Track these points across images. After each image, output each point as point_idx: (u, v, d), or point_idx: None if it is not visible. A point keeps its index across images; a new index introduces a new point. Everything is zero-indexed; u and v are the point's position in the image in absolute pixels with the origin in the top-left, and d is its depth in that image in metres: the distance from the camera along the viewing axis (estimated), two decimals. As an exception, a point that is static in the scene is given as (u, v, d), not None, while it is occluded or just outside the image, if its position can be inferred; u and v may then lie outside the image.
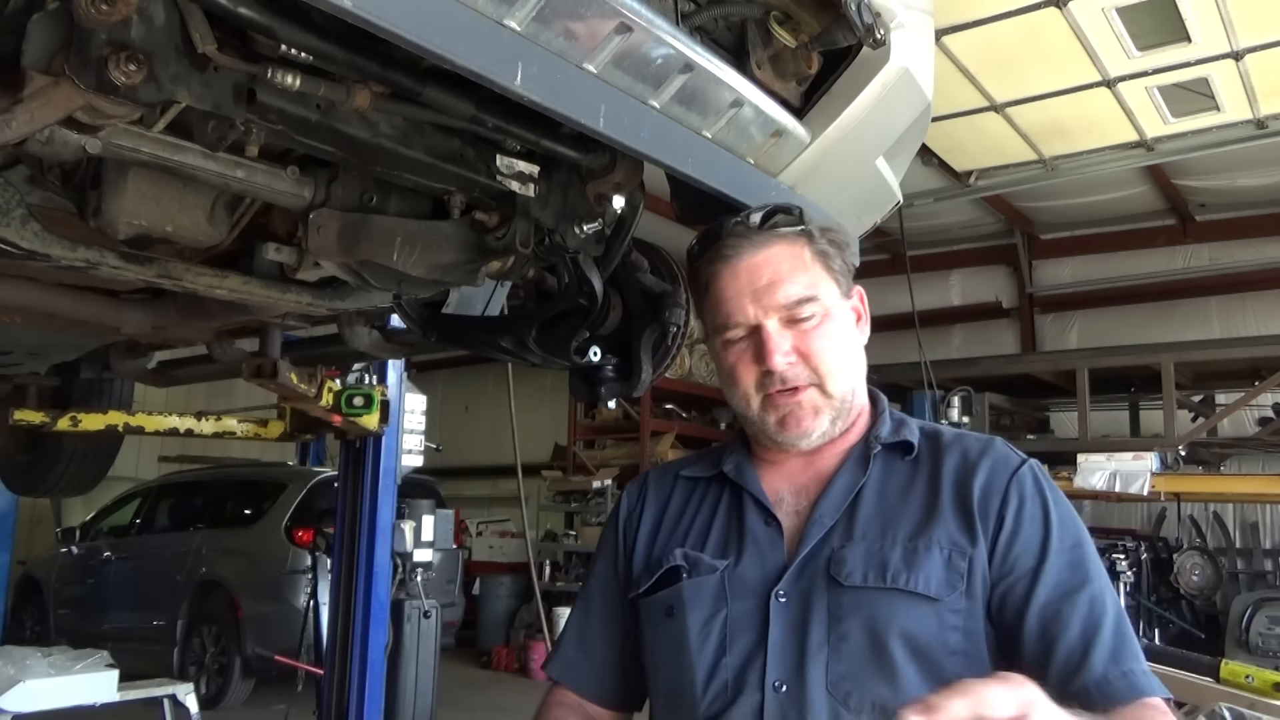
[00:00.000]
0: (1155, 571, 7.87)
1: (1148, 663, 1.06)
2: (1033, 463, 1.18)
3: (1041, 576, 1.08)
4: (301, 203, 1.68)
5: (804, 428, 1.17)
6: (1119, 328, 9.47)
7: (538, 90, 1.23)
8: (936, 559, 1.09)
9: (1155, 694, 1.03)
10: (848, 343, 1.20)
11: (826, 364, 1.17)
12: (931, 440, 1.21)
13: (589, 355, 2.04)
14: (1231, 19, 4.60)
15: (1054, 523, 1.11)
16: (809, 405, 1.17)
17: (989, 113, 5.70)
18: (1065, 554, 1.10)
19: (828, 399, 1.17)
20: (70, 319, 2.28)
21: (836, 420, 1.19)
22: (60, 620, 8.63)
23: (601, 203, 1.77)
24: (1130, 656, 1.05)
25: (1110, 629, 1.05)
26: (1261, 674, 3.25)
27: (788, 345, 1.16)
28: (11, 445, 4.19)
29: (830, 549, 1.12)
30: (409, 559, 4.85)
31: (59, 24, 1.13)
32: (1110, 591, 1.10)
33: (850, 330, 1.22)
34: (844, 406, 1.19)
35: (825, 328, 1.17)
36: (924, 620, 1.06)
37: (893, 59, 1.68)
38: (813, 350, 1.16)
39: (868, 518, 1.14)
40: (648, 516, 1.29)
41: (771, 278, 1.16)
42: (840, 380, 1.18)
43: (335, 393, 3.94)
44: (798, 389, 1.16)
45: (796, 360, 1.16)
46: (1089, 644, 1.04)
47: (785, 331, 1.16)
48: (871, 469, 1.18)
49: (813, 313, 1.16)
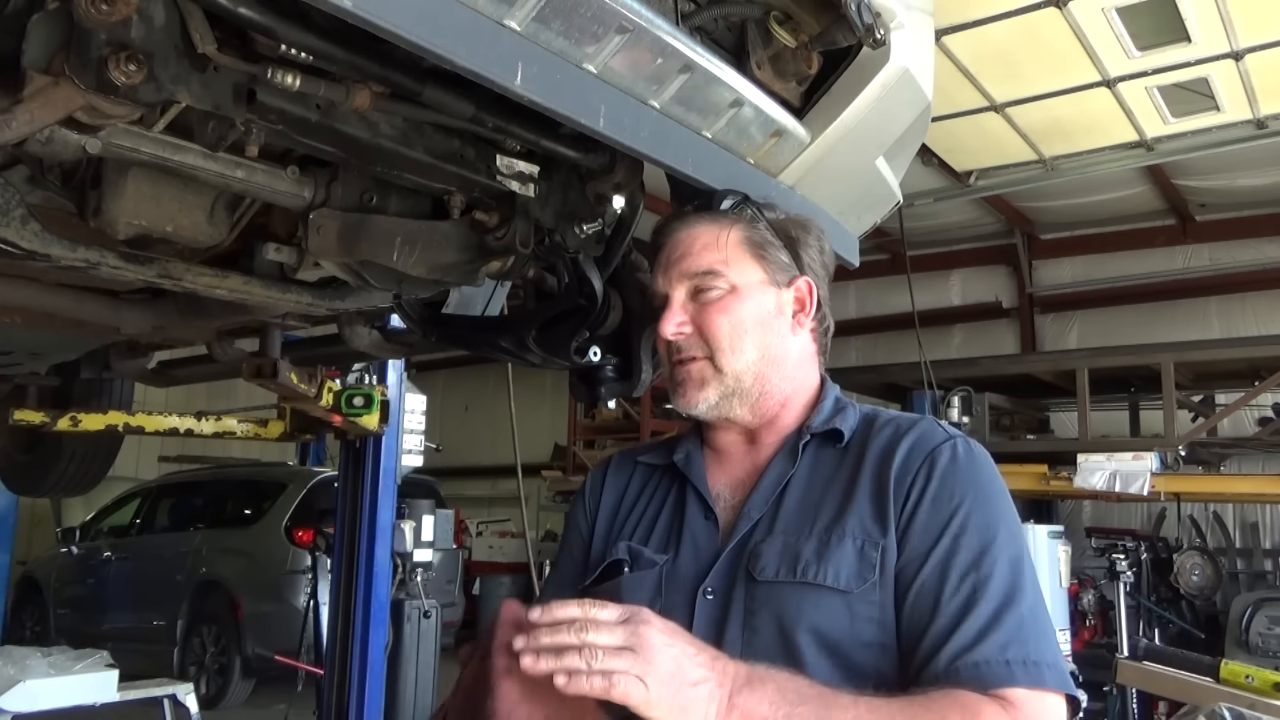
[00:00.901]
0: (1155, 571, 7.87)
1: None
2: (959, 441, 1.13)
3: (929, 559, 1.04)
4: (301, 203, 1.68)
5: (689, 398, 1.19)
6: (1119, 328, 9.47)
7: (538, 90, 1.23)
8: (849, 550, 1.07)
9: (1017, 685, 0.95)
10: (755, 324, 1.20)
11: (717, 338, 1.18)
12: (866, 426, 1.19)
13: (589, 355, 2.04)
14: (1231, 19, 4.60)
15: (961, 504, 1.07)
16: (697, 376, 1.19)
17: (989, 113, 5.69)
18: (963, 536, 1.04)
19: (718, 374, 1.18)
20: (70, 319, 2.28)
21: (731, 398, 1.19)
22: (60, 620, 8.64)
23: (601, 203, 1.78)
24: (1000, 647, 0.97)
25: (985, 616, 0.99)
26: (1261, 674, 3.25)
27: (684, 316, 1.20)
28: (11, 445, 4.19)
29: (753, 543, 1.12)
30: (409, 559, 4.84)
31: (59, 24, 1.13)
32: (1016, 586, 1.01)
33: (763, 316, 1.20)
34: (739, 386, 1.19)
35: (726, 303, 1.19)
36: (834, 614, 1.04)
37: (893, 59, 1.68)
38: (706, 322, 1.19)
39: (790, 510, 1.14)
40: (606, 502, 1.31)
41: (684, 250, 1.22)
42: (733, 358, 1.18)
43: (335, 393, 3.94)
44: (694, 359, 1.19)
45: (691, 332, 1.19)
46: (951, 632, 0.99)
47: (688, 304, 1.20)
48: (801, 460, 1.17)
49: (715, 287, 1.19)
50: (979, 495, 1.08)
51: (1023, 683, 0.96)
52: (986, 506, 1.08)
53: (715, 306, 1.19)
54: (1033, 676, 0.97)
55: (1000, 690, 0.95)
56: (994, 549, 1.04)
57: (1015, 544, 1.06)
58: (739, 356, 1.19)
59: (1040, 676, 0.97)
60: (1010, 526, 1.07)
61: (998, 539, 1.05)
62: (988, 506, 1.08)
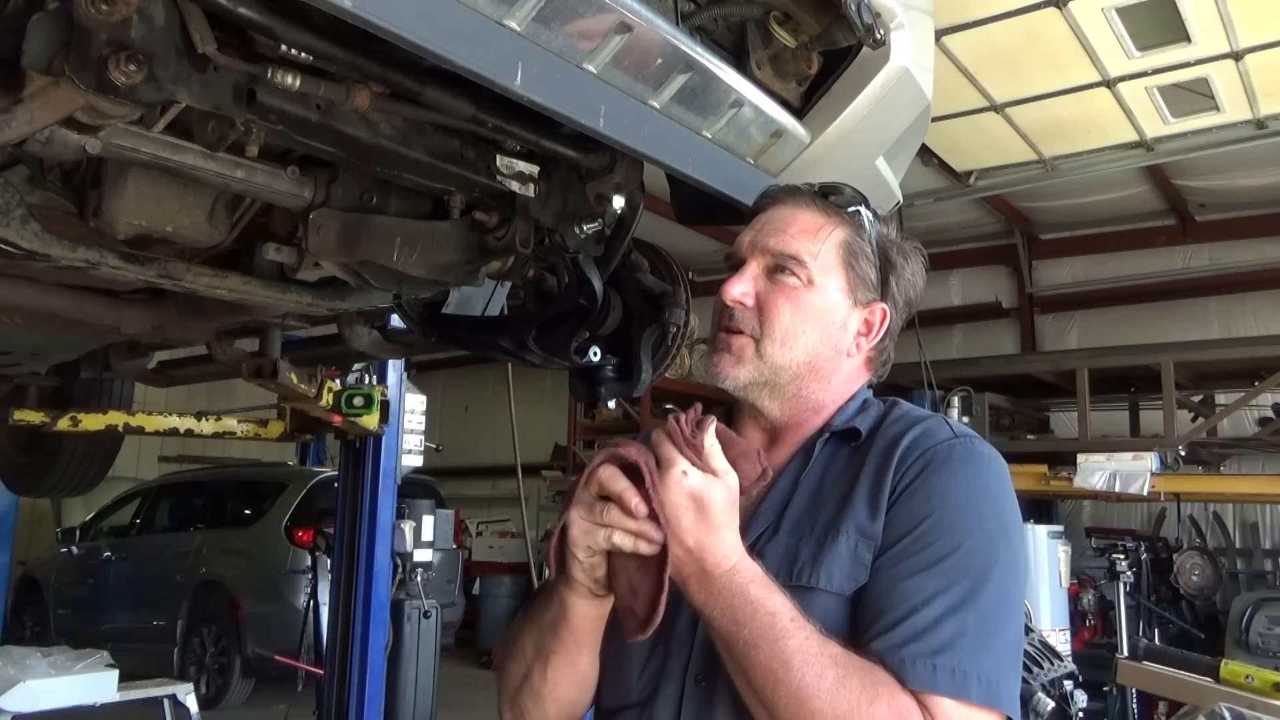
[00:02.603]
0: (1155, 571, 7.87)
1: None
2: (963, 441, 1.09)
3: (894, 548, 1.02)
4: (301, 203, 1.68)
5: (721, 369, 1.15)
6: (1119, 328, 9.47)
7: (538, 90, 1.23)
8: (843, 551, 1.04)
9: (938, 692, 0.93)
10: (812, 325, 1.15)
11: (774, 324, 1.13)
12: (880, 421, 1.17)
13: (589, 355, 2.05)
14: (1231, 19, 4.60)
15: (942, 503, 1.03)
16: (736, 351, 1.15)
17: (989, 113, 5.69)
18: (933, 535, 1.01)
19: (758, 357, 1.14)
20: (70, 319, 2.28)
21: (761, 387, 1.15)
22: (60, 620, 8.63)
23: (601, 203, 1.78)
24: (932, 651, 0.95)
25: (928, 619, 0.96)
26: (1261, 674, 3.25)
27: (750, 288, 1.15)
28: (11, 445, 4.19)
29: (760, 545, 1.10)
30: (409, 559, 4.85)
31: (59, 24, 1.13)
32: (971, 595, 0.98)
33: (827, 322, 1.16)
34: (775, 379, 1.15)
35: (797, 295, 1.14)
36: (828, 616, 1.01)
37: (893, 59, 1.68)
38: (770, 304, 1.14)
39: (797, 510, 1.12)
40: None
41: (780, 225, 1.17)
42: (780, 350, 1.14)
43: (335, 393, 3.94)
44: (740, 333, 1.15)
45: (752, 307, 1.15)
46: (892, 625, 0.97)
47: (760, 279, 1.16)
48: (815, 458, 1.15)
49: (794, 274, 1.14)
50: (964, 497, 1.04)
51: (944, 691, 0.94)
52: (968, 511, 1.04)
53: (785, 293, 1.14)
54: (957, 686, 0.94)
55: (921, 693, 0.94)
56: (960, 554, 1.00)
57: (989, 553, 1.01)
58: (786, 350, 1.14)
59: (964, 688, 0.94)
60: (991, 535, 1.03)
61: (967, 544, 1.01)
62: (969, 511, 1.04)
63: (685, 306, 2.13)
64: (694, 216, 1.99)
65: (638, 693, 1.12)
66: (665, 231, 2.53)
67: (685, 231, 2.85)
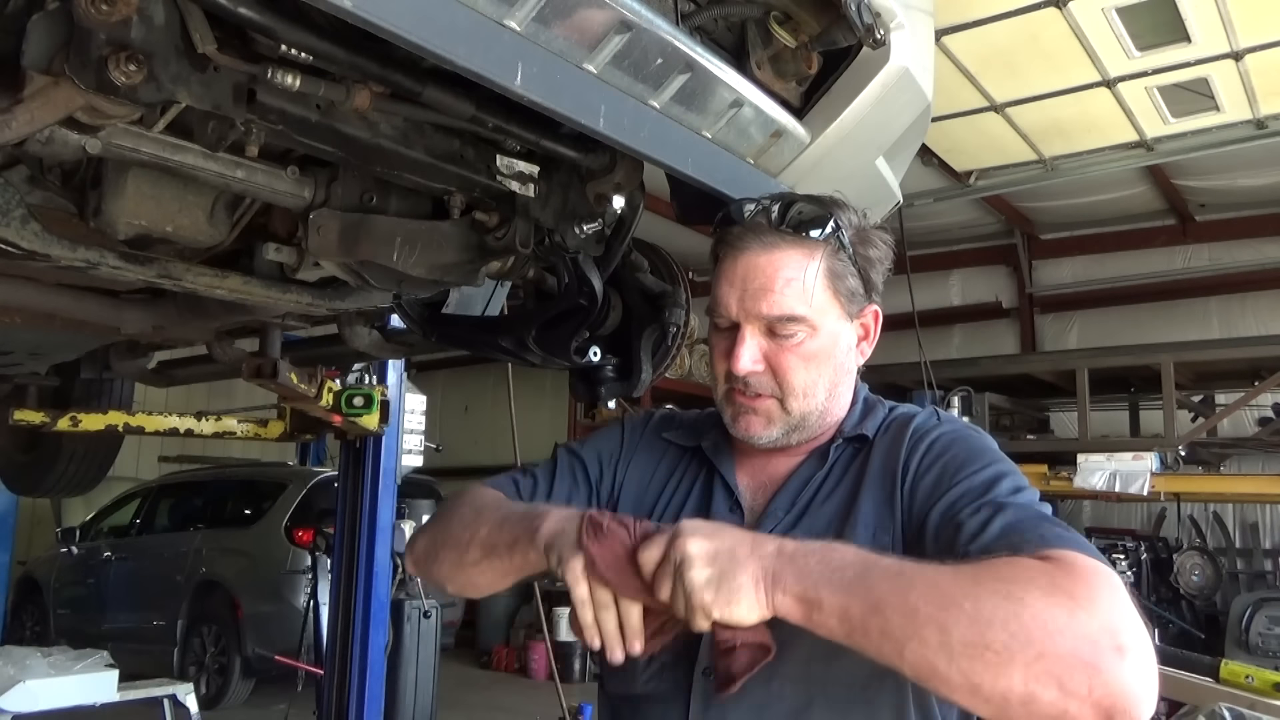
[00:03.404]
0: (1155, 571, 7.88)
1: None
2: (949, 424, 1.17)
3: (942, 499, 1.04)
4: (301, 203, 1.68)
5: (753, 432, 1.16)
6: (1119, 328, 9.47)
7: (538, 90, 1.23)
8: (862, 538, 1.07)
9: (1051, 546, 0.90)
10: (828, 366, 1.16)
11: (792, 383, 1.14)
12: (884, 423, 1.20)
13: (589, 355, 2.05)
14: (1231, 19, 4.60)
15: (961, 455, 1.09)
16: (764, 414, 1.15)
17: (989, 113, 5.69)
18: (970, 474, 1.05)
19: (785, 414, 1.15)
20: (70, 319, 2.27)
21: (792, 433, 1.17)
22: (60, 620, 8.63)
23: (601, 203, 1.78)
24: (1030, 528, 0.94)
25: (1009, 518, 0.97)
26: (1261, 674, 3.25)
27: (758, 354, 1.13)
28: (11, 445, 4.19)
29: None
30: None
31: (59, 24, 1.13)
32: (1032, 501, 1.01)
33: (837, 352, 1.17)
34: (803, 423, 1.17)
35: (805, 348, 1.14)
36: None
37: (893, 59, 1.68)
38: (783, 366, 1.14)
39: (813, 510, 1.14)
40: (637, 470, 1.29)
41: (764, 284, 1.12)
42: (804, 401, 1.15)
43: (335, 393, 3.94)
44: (759, 396, 1.15)
45: (764, 370, 1.14)
46: (978, 534, 0.97)
47: (762, 339, 1.13)
48: (829, 463, 1.18)
49: (795, 332, 1.13)
50: (974, 448, 1.11)
51: (1058, 546, 0.90)
52: (983, 454, 1.09)
53: (796, 352, 1.13)
54: (1068, 542, 0.92)
55: (1039, 551, 0.90)
56: (1003, 480, 1.04)
57: (1021, 478, 1.07)
58: (810, 400, 1.16)
59: (1079, 544, 0.92)
60: (1013, 470, 1.08)
61: (1007, 474, 1.06)
62: (984, 455, 1.09)
63: (685, 306, 2.14)
64: (694, 216, 1.99)
65: (643, 683, 1.13)
66: (665, 231, 2.54)
67: (685, 231, 2.84)
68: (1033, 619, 0.80)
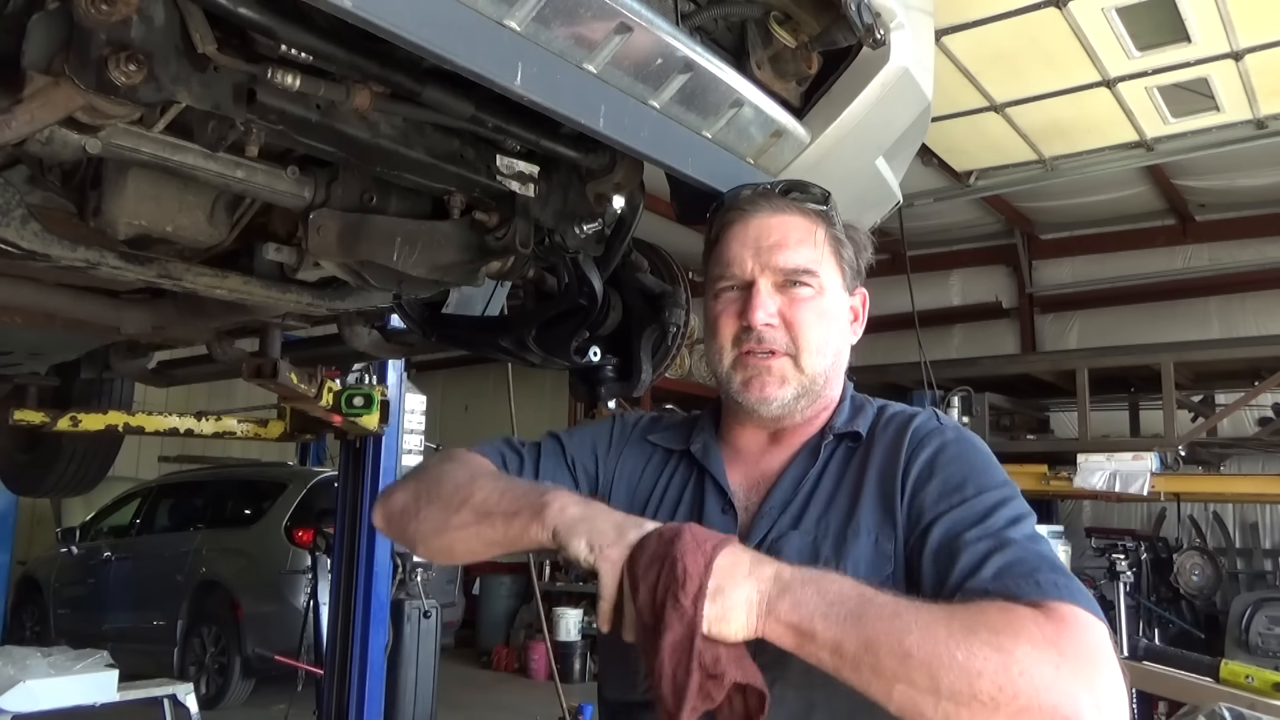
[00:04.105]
0: (1155, 571, 7.87)
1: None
2: (950, 429, 1.16)
3: (941, 520, 1.04)
4: (301, 203, 1.68)
5: (767, 393, 1.16)
6: (1119, 328, 9.47)
7: (538, 90, 1.23)
8: (865, 544, 1.08)
9: (1047, 597, 0.90)
10: (834, 329, 1.20)
11: (807, 337, 1.16)
12: (875, 422, 1.20)
13: (589, 355, 2.05)
14: (1231, 19, 4.60)
15: (965, 474, 1.08)
16: (778, 372, 1.16)
17: (989, 113, 5.70)
18: (971, 498, 1.05)
19: (798, 372, 1.16)
20: (70, 319, 2.28)
21: (801, 399, 1.17)
22: (60, 620, 8.63)
23: (601, 203, 1.78)
24: (1029, 571, 0.94)
25: (1008, 556, 0.97)
26: (1261, 674, 3.25)
27: (774, 307, 1.16)
28: (11, 445, 4.19)
29: (769, 541, 1.12)
30: (409, 559, 4.84)
31: (59, 24, 1.13)
32: (1031, 537, 1.01)
33: (840, 320, 1.21)
34: (812, 388, 1.18)
35: (816, 303, 1.17)
36: None
37: (893, 59, 1.68)
38: (798, 319, 1.16)
39: (810, 508, 1.14)
40: (626, 471, 1.28)
41: (779, 240, 1.17)
42: (816, 359, 1.17)
43: (335, 393, 3.94)
44: (773, 353, 1.16)
45: (779, 324, 1.16)
46: (976, 569, 0.97)
47: (776, 294, 1.17)
48: (821, 460, 1.18)
49: (808, 285, 1.17)
50: (976, 466, 1.10)
51: (1052, 595, 0.92)
52: (986, 474, 1.09)
53: (808, 305, 1.17)
54: (1062, 591, 0.92)
55: (1033, 599, 0.91)
56: (1004, 507, 1.04)
57: (1021, 505, 1.07)
58: (820, 358, 1.18)
59: (1072, 593, 0.93)
60: (1014, 495, 1.08)
61: (1009, 501, 1.06)
62: (986, 474, 1.09)
63: (685, 306, 2.14)
64: (694, 216, 1.98)
65: (644, 691, 1.12)
66: (665, 231, 2.53)
67: (685, 231, 2.81)
68: (1021, 675, 0.83)
